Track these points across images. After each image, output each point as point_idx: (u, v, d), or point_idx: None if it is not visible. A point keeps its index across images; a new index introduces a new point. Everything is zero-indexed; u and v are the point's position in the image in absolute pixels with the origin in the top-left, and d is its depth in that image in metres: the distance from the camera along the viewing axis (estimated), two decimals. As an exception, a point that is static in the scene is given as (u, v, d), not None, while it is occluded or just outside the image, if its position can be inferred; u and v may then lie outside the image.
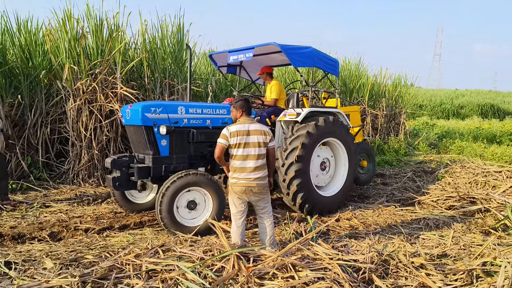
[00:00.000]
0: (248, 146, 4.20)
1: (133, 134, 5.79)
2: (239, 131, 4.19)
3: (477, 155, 12.38)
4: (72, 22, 8.29)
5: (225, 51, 7.27)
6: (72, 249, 4.45)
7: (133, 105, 5.66)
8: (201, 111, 5.96)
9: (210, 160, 6.10)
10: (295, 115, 6.43)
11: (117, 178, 5.56)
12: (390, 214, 6.41)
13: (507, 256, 3.94)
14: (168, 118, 5.57)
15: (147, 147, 5.55)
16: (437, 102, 37.49)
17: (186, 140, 5.80)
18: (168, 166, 5.62)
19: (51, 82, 8.70)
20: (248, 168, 4.22)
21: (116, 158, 5.69)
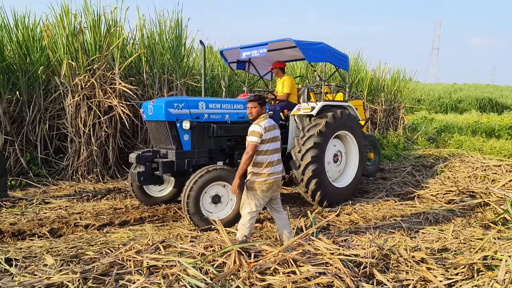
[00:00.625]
0: (275, 140, 4.26)
1: (155, 129, 5.87)
2: (269, 126, 4.21)
3: (475, 149, 12.40)
4: (69, 18, 8.24)
5: (237, 47, 7.40)
6: (73, 245, 4.44)
7: (155, 101, 5.74)
8: (220, 106, 6.09)
9: (228, 154, 6.30)
10: (310, 109, 6.60)
11: (142, 173, 5.66)
12: (390, 209, 6.41)
13: (508, 250, 3.95)
14: (190, 113, 5.69)
15: (170, 142, 5.66)
16: (435, 97, 37.52)
17: (206, 135, 5.92)
18: (191, 160, 5.74)
19: (49, 78, 8.67)
20: (275, 162, 4.26)
21: (140, 153, 5.77)
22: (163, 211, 6.11)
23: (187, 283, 3.06)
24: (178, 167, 5.62)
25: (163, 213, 6.03)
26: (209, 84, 11.56)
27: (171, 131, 5.59)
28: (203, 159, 5.89)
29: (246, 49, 7.03)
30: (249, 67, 8.26)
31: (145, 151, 5.89)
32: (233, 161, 6.28)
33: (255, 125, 4.15)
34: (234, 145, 6.39)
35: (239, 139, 6.30)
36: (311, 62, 7.16)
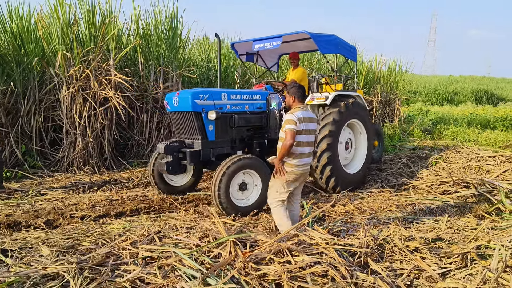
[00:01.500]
0: (309, 133, 4.22)
1: (180, 120, 6.04)
2: (304, 118, 4.15)
3: (471, 141, 12.46)
4: (64, 8, 8.17)
5: (249, 40, 7.62)
6: (68, 236, 4.45)
7: (181, 92, 5.93)
8: (241, 97, 6.32)
9: (247, 144, 6.61)
10: (324, 99, 6.93)
11: (170, 163, 5.83)
12: (385, 199, 6.45)
13: (501, 239, 3.98)
14: (214, 104, 5.89)
15: (196, 132, 5.85)
16: (431, 88, 37.59)
17: (228, 125, 6.12)
18: (215, 149, 5.98)
19: (44, 69, 8.61)
20: (306, 154, 4.25)
21: (168, 143, 5.95)
22: (159, 202, 6.12)
23: (183, 273, 3.08)
24: (203, 156, 5.85)
25: (159, 204, 6.05)
26: (205, 76, 11.53)
27: (197, 121, 5.79)
28: (226, 148, 6.15)
29: (259, 42, 7.23)
30: (257, 59, 8.47)
31: (172, 141, 6.08)
32: (252, 150, 6.53)
33: (289, 114, 4.16)
34: (253, 134, 6.63)
35: (257, 129, 6.63)
36: (324, 53, 7.40)
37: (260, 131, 6.68)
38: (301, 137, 4.16)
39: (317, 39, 6.82)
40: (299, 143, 4.16)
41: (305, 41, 7.62)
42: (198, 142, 5.87)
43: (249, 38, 7.75)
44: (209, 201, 6.30)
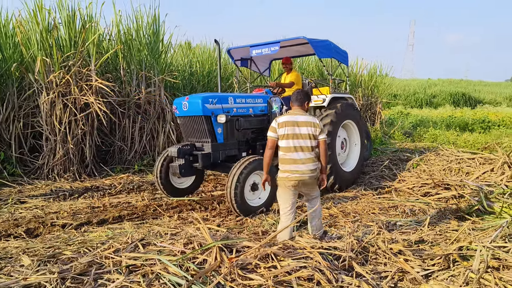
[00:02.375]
0: (297, 137, 4.10)
1: (190, 124, 6.27)
2: (287, 122, 4.10)
3: (450, 143, 12.68)
4: (43, 13, 8.05)
5: (245, 45, 7.87)
6: (50, 245, 4.35)
7: (190, 97, 6.16)
8: (245, 101, 6.68)
9: (251, 146, 6.89)
10: (321, 101, 7.29)
11: (182, 166, 6.04)
12: (368, 202, 6.51)
13: (482, 240, 4.06)
14: (222, 108, 6.17)
15: (206, 135, 6.11)
16: (410, 92, 38.21)
17: (235, 128, 6.42)
18: (223, 152, 6.27)
19: (22, 75, 8.45)
20: (298, 160, 4.10)
21: (180, 147, 6.12)
22: (142, 209, 6.05)
23: (167, 281, 3.04)
24: (214, 158, 6.11)
25: (142, 210, 5.98)
26: (188, 81, 11.48)
27: (207, 124, 6.05)
28: (233, 150, 6.45)
29: (257, 47, 7.47)
30: (251, 65, 8.75)
31: (184, 145, 6.25)
32: (255, 151, 6.82)
33: (273, 120, 4.18)
34: (256, 136, 6.94)
35: (260, 131, 6.93)
36: (321, 58, 7.69)
37: (263, 133, 6.89)
38: (286, 142, 4.09)
39: (314, 44, 7.12)
40: (286, 149, 4.10)
41: (300, 46, 7.91)
42: (208, 145, 6.11)
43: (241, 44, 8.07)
44: (193, 206, 6.27)
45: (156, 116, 9.67)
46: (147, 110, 9.60)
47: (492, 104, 36.47)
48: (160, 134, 9.69)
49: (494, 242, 3.95)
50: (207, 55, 12.40)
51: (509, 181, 6.69)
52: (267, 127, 6.38)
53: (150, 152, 9.64)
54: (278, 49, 7.19)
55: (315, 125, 4.16)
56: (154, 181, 6.84)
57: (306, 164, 4.12)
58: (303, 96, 4.31)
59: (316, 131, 4.14)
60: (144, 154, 9.59)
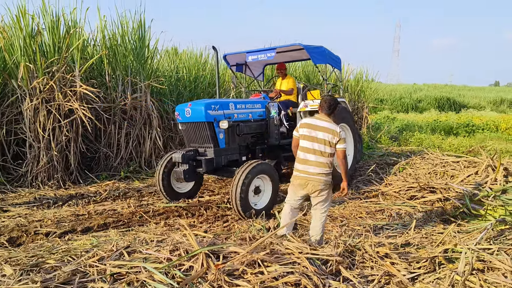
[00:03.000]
0: (312, 140, 4.27)
1: (193, 130, 6.40)
2: (309, 124, 4.32)
3: (435, 147, 12.83)
4: (26, 19, 7.94)
5: (241, 52, 8.06)
6: (33, 254, 4.26)
7: (193, 104, 6.31)
8: (245, 106, 6.84)
9: (251, 150, 7.08)
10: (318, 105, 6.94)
11: (186, 171, 6.15)
12: (356, 206, 6.54)
13: (467, 242, 4.10)
14: (223, 114, 6.31)
15: (209, 140, 6.25)
16: (396, 96, 38.56)
17: (235, 133, 6.55)
18: (225, 156, 6.43)
19: (5, 82, 8.31)
20: (309, 162, 4.27)
21: (184, 152, 6.21)
22: (128, 216, 5.98)
23: (153, 288, 3.00)
24: (217, 163, 6.27)
25: (128, 218, 5.90)
26: (174, 86, 11.43)
27: (210, 130, 6.19)
28: (235, 155, 6.60)
29: (253, 54, 7.70)
30: (245, 70, 8.93)
31: (188, 150, 6.33)
32: (255, 156, 7.00)
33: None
34: (255, 141, 7.14)
35: (259, 136, 7.15)
36: (317, 63, 7.85)
37: (261, 138, 7.21)
38: (303, 142, 4.32)
39: (310, 50, 7.31)
40: (301, 148, 4.34)
41: (294, 52, 8.10)
42: (210, 150, 6.25)
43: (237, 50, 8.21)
44: (180, 213, 6.21)
45: (142, 122, 9.60)
46: (133, 116, 9.52)
47: (476, 108, 37.01)
48: (146, 140, 9.61)
49: (479, 244, 3.99)
50: (193, 61, 12.37)
51: (493, 183, 6.78)
52: (266, 131, 7.00)
53: (136, 159, 9.55)
54: (274, 55, 7.39)
55: (334, 132, 4.23)
56: (156, 186, 6.90)
57: (315, 167, 4.27)
58: (332, 104, 4.41)
59: (333, 138, 4.23)
60: (130, 160, 9.49)
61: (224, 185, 8.22)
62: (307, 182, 4.29)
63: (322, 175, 4.28)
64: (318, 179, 4.27)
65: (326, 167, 4.30)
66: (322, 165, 4.27)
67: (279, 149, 7.51)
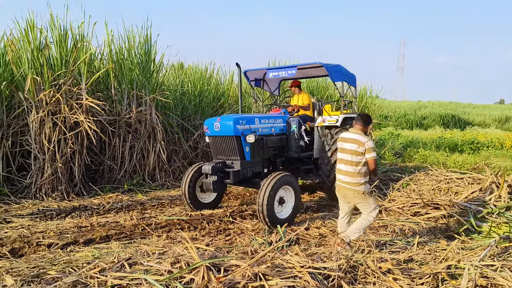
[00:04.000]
0: (342, 151, 4.76)
1: (221, 143, 6.73)
2: (342, 138, 4.83)
3: (439, 163, 12.77)
4: (35, 32, 8.08)
5: (262, 68, 8.82)
6: (34, 265, 4.27)
7: (222, 118, 6.63)
8: (268, 121, 7.19)
9: (272, 162, 7.45)
10: (335, 121, 7.71)
11: (215, 182, 6.48)
12: (358, 222, 6.49)
13: (470, 259, 4.06)
14: (250, 128, 6.66)
15: (236, 153, 6.58)
16: (401, 113, 38.61)
17: (259, 146, 6.89)
18: (251, 168, 6.77)
19: (12, 94, 8.42)
20: (341, 171, 4.79)
21: (214, 164, 6.53)
22: (131, 228, 5.98)
23: (153, 300, 2.99)
24: (243, 175, 6.60)
25: (130, 230, 5.90)
26: (179, 100, 11.52)
27: (237, 144, 6.51)
28: (259, 167, 6.95)
29: (274, 70, 8.24)
30: (263, 85, 9.28)
31: (216, 163, 6.64)
32: (276, 168, 7.36)
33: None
34: (276, 154, 7.52)
35: (280, 149, 7.52)
36: (335, 81, 8.15)
37: (282, 151, 7.58)
38: (338, 154, 4.84)
39: (329, 69, 7.66)
40: (337, 159, 4.88)
41: (312, 69, 8.50)
42: (237, 163, 6.59)
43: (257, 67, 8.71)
44: (182, 226, 6.20)
45: (147, 135, 9.65)
46: (137, 129, 9.58)
47: (481, 125, 36.95)
48: (150, 153, 9.66)
49: (483, 261, 3.95)
50: (198, 75, 12.48)
51: (497, 200, 6.74)
52: (286, 145, 7.53)
53: (140, 172, 9.58)
54: (295, 72, 7.84)
55: (359, 142, 4.62)
56: (181, 196, 7.18)
57: (345, 175, 4.73)
58: (366, 119, 4.87)
59: (359, 148, 4.61)
60: (134, 173, 9.52)
61: (227, 199, 8.21)
62: (341, 189, 4.84)
63: (352, 184, 4.70)
64: (349, 187, 4.72)
65: (356, 176, 4.68)
66: (351, 174, 4.68)
67: (299, 162, 7.89)
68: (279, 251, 4.53)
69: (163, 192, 8.94)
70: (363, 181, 4.70)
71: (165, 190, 9.18)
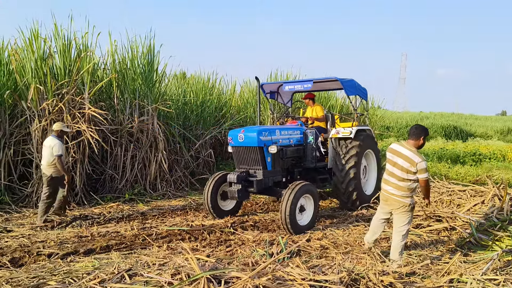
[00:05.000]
0: (393, 164, 4.72)
1: (244, 153, 7.05)
2: (394, 150, 4.76)
3: (441, 175, 12.73)
4: (39, 42, 8.16)
5: (278, 82, 9.67)
6: (34, 275, 4.25)
7: (246, 130, 7.03)
8: (287, 132, 7.58)
9: (290, 172, 7.69)
10: (349, 133, 8.07)
11: (240, 190, 6.73)
12: (360, 234, 6.46)
13: (473, 272, 4.03)
14: (271, 139, 7.02)
15: (258, 163, 6.92)
16: (403, 124, 38.54)
17: (279, 157, 7.19)
18: (272, 178, 7.08)
19: (15, 103, 8.46)
20: (390, 183, 4.78)
21: (239, 174, 6.85)
22: (131, 239, 5.96)
23: (153, 312, 2.97)
24: (265, 184, 6.91)
25: (131, 240, 5.88)
26: (181, 110, 11.55)
27: (260, 154, 6.86)
28: (279, 176, 7.26)
29: (290, 84, 8.63)
30: (277, 97, 9.67)
31: (241, 172, 6.96)
32: (293, 178, 7.52)
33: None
34: (294, 164, 7.77)
35: (298, 159, 7.81)
36: (349, 95, 8.69)
37: (299, 161, 7.87)
38: (387, 165, 4.82)
39: (344, 84, 8.07)
40: (386, 170, 4.87)
41: (328, 83, 8.90)
42: (260, 172, 6.91)
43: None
44: (183, 236, 6.18)
45: (149, 145, 9.67)
46: (139, 139, 9.61)
47: (483, 137, 36.85)
48: (152, 163, 9.66)
49: (485, 274, 3.92)
50: (201, 85, 12.53)
51: (500, 213, 6.70)
52: (303, 155, 7.87)
53: (141, 181, 9.58)
54: (311, 86, 8.12)
55: (412, 162, 4.56)
56: (204, 203, 7.37)
57: (393, 188, 4.74)
58: (420, 132, 4.75)
59: (410, 167, 4.57)
60: (136, 182, 9.52)
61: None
62: (387, 199, 4.83)
63: (400, 197, 4.73)
64: (397, 200, 4.74)
65: (405, 191, 4.71)
66: (400, 188, 4.70)
67: (315, 172, 8.14)
68: (280, 263, 4.49)
69: (164, 202, 8.93)
70: (410, 194, 4.77)
71: (166, 200, 9.16)
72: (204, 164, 11.38)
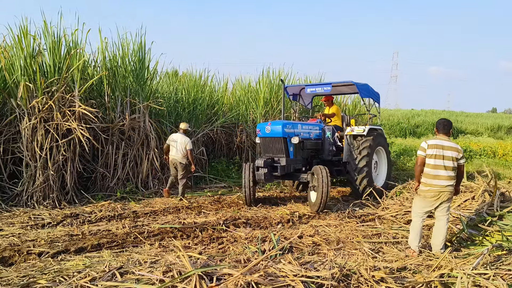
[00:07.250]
0: (443, 158, 4.94)
1: (270, 143, 8.22)
2: (437, 145, 4.99)
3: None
4: (28, 39, 8.06)
5: (300, 85, 10.59)
6: (24, 274, 4.21)
7: (272, 123, 8.14)
8: (308, 127, 8.75)
9: (309, 162, 8.71)
10: (362, 131, 9.12)
11: (266, 174, 7.85)
12: (352, 230, 6.49)
13: (463, 267, 4.06)
14: (294, 132, 8.16)
15: (282, 152, 8.07)
16: (394, 121, 38.73)
17: (300, 148, 8.33)
18: (293, 165, 8.22)
19: (5, 101, 8.36)
20: (441, 176, 4.96)
21: (265, 159, 7.97)
22: (123, 237, 5.92)
23: (144, 310, 2.96)
24: (287, 169, 8.04)
25: (122, 238, 5.85)
26: (173, 108, 11.50)
27: (284, 144, 7.99)
28: (299, 165, 8.38)
29: (311, 87, 9.66)
30: (299, 99, 10.83)
31: (267, 158, 8.05)
32: (311, 167, 8.13)
33: (423, 142, 5.14)
34: (313, 155, 8.92)
35: (316, 151, 8.98)
36: (364, 98, 9.77)
37: (317, 153, 9.01)
38: (431, 161, 4.98)
39: (359, 87, 9.21)
40: (430, 166, 5.00)
41: (343, 87, 9.96)
42: (283, 159, 8.03)
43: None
44: (175, 234, 6.16)
45: (140, 143, 9.62)
46: (131, 137, 9.55)
47: (473, 134, 37.15)
48: (143, 160, 9.62)
49: (476, 269, 3.95)
50: (193, 83, 12.48)
51: (489, 209, 6.77)
52: (321, 149, 9.05)
53: (133, 179, 9.53)
54: (330, 89, 9.19)
55: (458, 150, 5.01)
56: (242, 191, 8.27)
57: (445, 180, 4.96)
58: (450, 125, 5.18)
59: (458, 155, 4.99)
60: (127, 181, 9.46)
61: (221, 207, 8.18)
62: (440, 193, 4.98)
63: (452, 186, 5.03)
64: (450, 190, 5.00)
65: (454, 179, 5.04)
66: (450, 178, 4.99)
67: (331, 164, 9.02)
68: (272, 259, 4.50)
69: (156, 200, 8.89)
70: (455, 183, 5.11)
71: (158, 198, 9.12)
72: (196, 162, 11.35)
